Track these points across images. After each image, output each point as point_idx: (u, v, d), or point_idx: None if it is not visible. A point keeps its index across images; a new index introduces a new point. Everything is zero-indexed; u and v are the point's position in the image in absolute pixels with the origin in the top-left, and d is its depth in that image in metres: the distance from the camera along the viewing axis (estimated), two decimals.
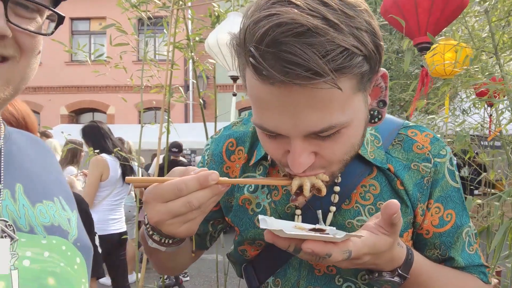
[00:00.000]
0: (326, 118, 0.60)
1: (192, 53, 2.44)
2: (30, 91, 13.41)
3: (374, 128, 0.83)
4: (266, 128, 0.64)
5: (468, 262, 0.81)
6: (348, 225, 0.78)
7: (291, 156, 0.64)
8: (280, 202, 0.82)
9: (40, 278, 0.49)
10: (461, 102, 3.86)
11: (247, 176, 0.86)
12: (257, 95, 0.62)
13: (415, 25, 1.72)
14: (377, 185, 0.79)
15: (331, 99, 0.59)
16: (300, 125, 0.61)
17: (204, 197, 0.60)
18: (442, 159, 0.80)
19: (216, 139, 0.93)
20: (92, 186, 3.30)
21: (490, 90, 1.58)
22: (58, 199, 0.59)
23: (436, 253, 0.81)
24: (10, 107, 1.15)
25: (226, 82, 2.43)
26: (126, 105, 11.90)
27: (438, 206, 0.79)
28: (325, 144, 0.64)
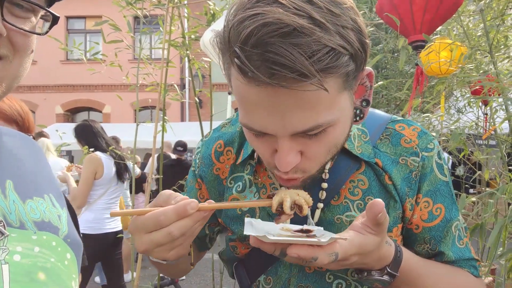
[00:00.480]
0: (313, 117, 0.60)
1: (188, 51, 2.44)
2: (26, 89, 13.33)
3: (361, 122, 0.82)
4: (253, 128, 0.64)
5: (458, 256, 0.80)
6: (337, 221, 0.78)
7: (278, 155, 0.64)
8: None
9: (31, 273, 0.49)
10: (456, 101, 3.88)
11: (235, 177, 0.87)
12: (243, 96, 0.62)
13: (410, 24, 1.73)
14: (365, 180, 0.79)
15: (318, 99, 0.59)
16: (288, 125, 0.60)
17: (185, 226, 0.59)
18: (430, 153, 0.80)
19: (206, 142, 0.93)
20: (85, 184, 3.28)
21: (484, 88, 1.58)
22: (49, 196, 0.60)
23: (426, 247, 0.81)
24: (18, 108, 1.17)
25: (222, 81, 2.42)
26: (122, 104, 11.89)
27: (427, 201, 0.79)
28: (311, 142, 0.64)
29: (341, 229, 0.76)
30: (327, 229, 0.77)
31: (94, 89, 13.36)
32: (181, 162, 5.46)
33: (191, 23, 2.62)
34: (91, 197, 3.41)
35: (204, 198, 0.93)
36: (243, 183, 0.86)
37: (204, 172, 0.91)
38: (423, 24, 1.69)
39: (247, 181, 0.85)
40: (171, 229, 0.59)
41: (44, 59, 12.94)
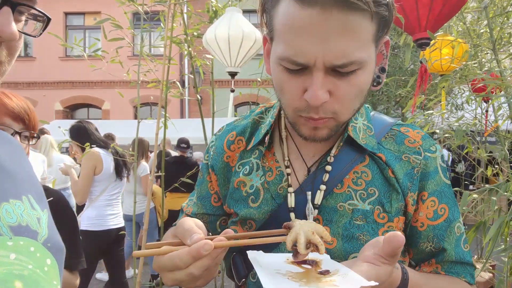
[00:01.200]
0: (350, 49, 0.65)
1: (190, 48, 2.43)
2: (25, 86, 13.29)
3: (367, 119, 0.87)
4: (292, 58, 0.67)
5: (459, 258, 0.83)
6: (340, 208, 0.80)
7: (310, 90, 0.67)
8: (274, 182, 0.85)
9: (6, 282, 0.46)
10: (454, 98, 3.89)
11: (243, 162, 0.90)
12: (293, 23, 0.65)
13: (415, 21, 1.72)
14: (369, 172, 0.82)
15: (360, 32, 0.65)
16: (328, 53, 0.64)
17: (204, 265, 0.60)
18: (432, 154, 0.83)
19: (219, 136, 0.97)
20: (86, 179, 3.29)
21: (488, 87, 1.58)
22: (27, 198, 0.56)
23: (429, 246, 0.83)
24: (25, 106, 1.16)
25: (223, 78, 2.42)
26: (122, 100, 11.85)
27: (433, 200, 0.82)
28: (341, 83, 0.68)
29: (343, 216, 0.79)
30: (330, 216, 0.79)
31: (94, 85, 13.31)
32: (184, 159, 5.45)
33: (193, 20, 2.61)
34: (93, 193, 3.41)
35: (214, 190, 0.96)
36: (250, 166, 0.89)
37: (215, 161, 0.94)
38: (428, 21, 1.68)
39: (254, 165, 0.88)
40: (191, 270, 0.59)
41: (42, 55, 12.90)
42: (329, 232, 0.79)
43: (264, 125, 0.91)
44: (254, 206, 0.85)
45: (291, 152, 0.87)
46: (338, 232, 0.79)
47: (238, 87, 2.65)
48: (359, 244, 0.78)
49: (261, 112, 0.96)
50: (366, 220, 0.79)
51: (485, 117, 3.05)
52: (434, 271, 0.84)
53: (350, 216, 0.79)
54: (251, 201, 0.86)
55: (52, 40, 2.32)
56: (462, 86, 3.18)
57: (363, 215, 0.79)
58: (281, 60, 0.69)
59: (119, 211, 3.63)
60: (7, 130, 1.10)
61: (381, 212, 0.79)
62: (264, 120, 0.93)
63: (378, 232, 0.78)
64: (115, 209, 3.58)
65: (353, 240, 0.78)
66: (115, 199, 3.59)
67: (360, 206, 0.79)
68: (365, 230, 0.78)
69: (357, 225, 0.78)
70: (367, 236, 0.78)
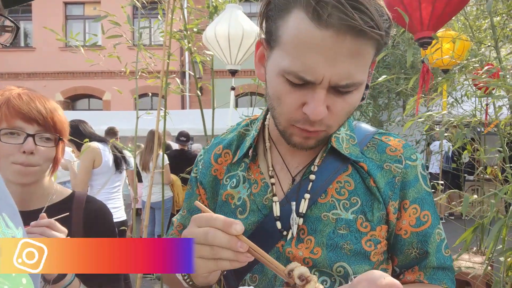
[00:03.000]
0: (355, 72, 0.67)
1: (190, 44, 2.42)
2: (25, 77, 13.25)
3: (350, 129, 0.89)
4: (300, 74, 0.67)
5: (440, 263, 0.85)
6: (324, 218, 0.81)
7: (311, 105, 0.69)
8: (259, 194, 0.87)
9: None
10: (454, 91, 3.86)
11: (230, 175, 0.91)
12: (304, 40, 0.66)
13: (418, 20, 1.70)
14: (351, 182, 0.83)
15: (366, 57, 0.68)
16: (335, 74, 0.66)
17: (219, 238, 0.63)
18: (413, 163, 0.85)
19: (207, 149, 0.99)
20: (84, 172, 3.31)
21: (489, 88, 1.57)
22: (1, 216, 0.54)
23: (414, 252, 0.85)
24: (39, 105, 1.07)
25: (224, 68, 2.41)
26: (122, 91, 11.76)
27: (415, 207, 0.84)
28: (338, 100, 0.71)
29: (327, 225, 0.81)
30: (314, 225, 0.81)
31: (94, 76, 13.26)
32: (184, 152, 5.46)
33: (193, 16, 2.59)
34: (94, 187, 3.44)
35: (203, 203, 0.96)
36: (237, 179, 0.90)
37: (203, 175, 0.95)
38: (431, 20, 1.66)
39: (240, 177, 0.90)
40: (208, 231, 0.63)
41: (42, 46, 12.83)
42: (314, 242, 0.81)
43: (248, 138, 0.92)
44: (241, 218, 0.87)
45: (276, 162, 0.89)
46: (323, 241, 0.80)
47: (239, 78, 2.65)
48: (343, 253, 0.79)
49: (246, 124, 0.98)
50: (349, 229, 0.80)
51: (485, 111, 3.04)
52: (417, 278, 0.86)
53: (334, 225, 0.81)
54: (239, 213, 0.87)
55: (54, 30, 2.30)
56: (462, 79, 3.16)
57: (347, 224, 0.80)
58: (286, 73, 0.69)
59: (120, 204, 3.66)
60: (20, 134, 1.04)
61: (363, 221, 0.81)
62: (249, 132, 0.95)
63: (361, 240, 0.80)
64: (117, 202, 3.61)
65: (337, 249, 0.80)
66: (116, 192, 3.61)
67: (343, 215, 0.81)
68: (349, 239, 0.80)
69: (340, 234, 0.80)
70: (351, 245, 0.80)
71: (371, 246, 0.81)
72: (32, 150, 1.04)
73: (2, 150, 1.04)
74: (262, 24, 0.76)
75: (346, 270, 0.80)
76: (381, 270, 0.85)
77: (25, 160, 1.05)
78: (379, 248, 0.82)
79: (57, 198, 1.19)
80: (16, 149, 1.04)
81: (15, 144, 1.04)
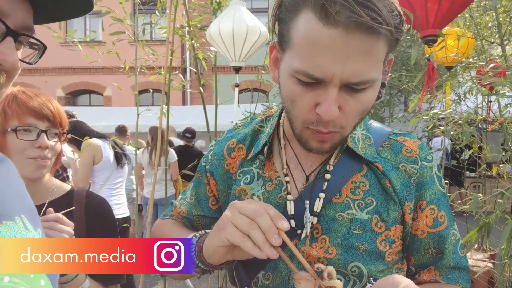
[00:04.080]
0: (367, 70, 0.66)
1: (193, 41, 2.40)
2: (26, 72, 13.21)
3: (366, 129, 0.88)
4: (310, 73, 0.67)
5: (456, 263, 0.85)
6: (338, 218, 0.81)
7: (324, 104, 0.68)
8: (273, 192, 0.87)
9: None
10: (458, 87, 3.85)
11: (243, 170, 0.91)
12: (313, 40, 0.66)
13: (423, 17, 1.69)
14: (366, 182, 0.83)
15: (376, 54, 0.67)
16: (345, 72, 0.65)
17: (258, 236, 0.66)
18: (429, 164, 0.84)
19: (219, 141, 0.99)
20: (85, 168, 3.32)
21: (495, 87, 1.56)
22: (20, 218, 0.56)
23: (430, 251, 0.85)
24: (49, 104, 1.14)
25: (226, 64, 2.39)
26: (123, 87, 11.73)
27: (432, 208, 0.83)
28: (351, 99, 0.70)
29: (342, 225, 0.80)
30: (329, 225, 0.81)
31: (95, 72, 13.23)
32: (189, 148, 5.47)
33: (196, 13, 2.57)
34: (96, 184, 3.44)
35: (212, 193, 0.98)
36: (251, 175, 0.90)
37: (215, 167, 0.95)
38: (437, 18, 1.65)
39: (255, 174, 0.90)
40: (252, 231, 0.66)
41: (43, 41, 12.75)
42: (328, 241, 0.81)
43: (263, 135, 0.92)
44: None
45: (290, 161, 0.89)
46: (337, 241, 0.80)
47: (241, 74, 2.63)
48: (358, 253, 0.80)
49: (261, 120, 0.97)
50: (364, 229, 0.80)
51: (488, 108, 3.02)
52: (433, 278, 0.86)
53: (349, 225, 0.80)
54: None
55: (53, 26, 2.28)
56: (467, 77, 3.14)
57: (361, 224, 0.80)
58: (297, 73, 0.69)
59: (124, 200, 3.66)
60: (33, 131, 1.10)
61: (378, 221, 0.81)
62: (264, 129, 0.94)
63: (376, 240, 0.80)
64: (120, 198, 3.61)
65: (352, 249, 0.80)
66: (119, 188, 3.61)
67: (358, 215, 0.81)
68: (363, 239, 0.80)
69: (355, 234, 0.80)
70: (366, 245, 0.80)
71: (385, 246, 0.81)
72: (47, 145, 1.11)
73: (17, 146, 1.08)
74: (274, 27, 0.77)
75: (360, 270, 0.80)
76: (396, 269, 0.85)
77: (41, 154, 1.10)
78: (394, 248, 0.82)
79: (58, 193, 1.23)
80: (30, 145, 1.09)
81: (29, 141, 1.09)
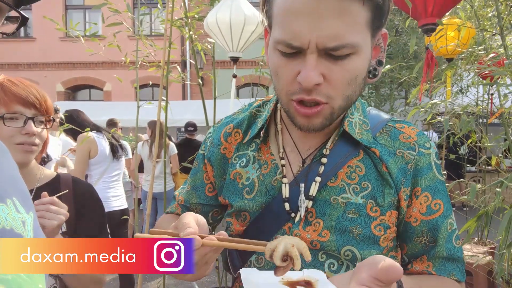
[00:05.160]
0: (343, 33, 0.66)
1: (191, 32, 2.38)
2: (25, 67, 13.20)
3: (364, 115, 0.87)
4: (288, 42, 0.68)
5: (449, 253, 0.83)
6: (333, 201, 0.81)
7: (303, 71, 0.69)
8: (268, 175, 0.86)
9: None
10: (459, 80, 3.83)
11: (239, 154, 0.91)
12: (289, 6, 0.68)
13: (422, 6, 1.67)
14: (362, 167, 0.82)
15: (352, 16, 0.66)
16: (321, 35, 0.66)
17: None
18: (427, 151, 0.83)
19: (217, 127, 0.98)
20: (81, 163, 3.31)
21: (494, 77, 1.54)
22: (12, 201, 0.55)
23: (423, 240, 0.84)
24: (34, 91, 1.15)
25: (226, 59, 2.38)
26: (123, 81, 11.74)
27: (426, 195, 0.82)
28: (335, 67, 0.69)
29: (336, 209, 0.80)
30: (323, 209, 0.81)
31: (95, 66, 13.20)
32: (191, 141, 5.49)
33: (194, 3, 2.56)
34: (93, 177, 3.43)
35: (209, 180, 0.97)
36: (247, 159, 0.90)
37: (212, 152, 0.95)
38: (435, 6, 1.63)
39: (250, 157, 0.89)
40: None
41: (42, 36, 12.74)
42: (322, 225, 0.80)
43: (260, 119, 0.92)
44: (248, 198, 0.87)
45: (287, 144, 0.89)
46: (331, 225, 0.80)
47: (240, 68, 2.62)
48: (351, 237, 0.79)
49: (258, 105, 0.97)
50: (359, 213, 0.80)
51: (490, 101, 3.01)
52: (426, 269, 0.84)
53: (343, 209, 0.80)
54: (246, 192, 0.87)
55: (53, 20, 2.27)
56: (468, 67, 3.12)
57: (356, 208, 0.80)
58: (277, 43, 0.71)
59: (121, 193, 3.66)
60: (20, 118, 1.11)
61: (373, 206, 0.80)
62: (261, 113, 0.94)
63: (371, 225, 0.80)
64: (118, 191, 3.61)
65: (345, 233, 0.79)
66: (116, 181, 3.61)
67: (353, 199, 0.80)
68: (358, 223, 0.79)
69: (350, 218, 0.80)
70: (360, 229, 0.79)
71: (380, 231, 0.80)
72: (34, 132, 1.13)
73: (5, 133, 1.10)
74: (263, 10, 0.78)
75: (354, 254, 0.79)
76: (390, 257, 0.84)
77: (27, 140, 1.13)
78: (389, 233, 0.82)
79: (45, 179, 1.26)
80: (17, 132, 1.11)
81: (16, 127, 1.11)
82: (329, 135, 0.85)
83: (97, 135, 3.35)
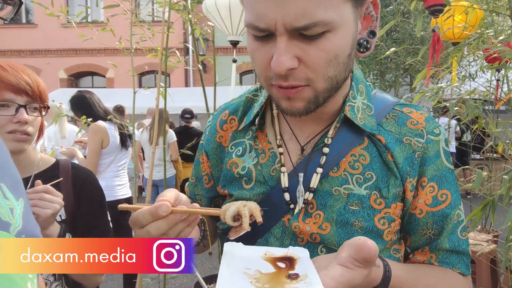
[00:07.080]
0: (312, 10, 0.60)
1: (190, 15, 2.33)
2: (28, 54, 13.16)
3: (367, 98, 0.81)
4: (255, 24, 0.63)
5: (453, 245, 0.79)
6: (335, 192, 0.76)
7: (274, 56, 0.64)
8: (266, 165, 0.82)
9: None
10: (468, 66, 3.74)
11: (236, 143, 0.87)
12: None
13: None
14: (367, 155, 0.77)
15: None
16: (287, 15, 0.60)
17: (160, 228, 0.63)
18: (436, 137, 0.78)
19: (215, 115, 0.94)
20: (94, 154, 3.31)
21: (503, 58, 1.48)
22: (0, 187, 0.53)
23: (428, 233, 0.79)
24: (25, 76, 1.11)
25: (226, 45, 2.32)
26: (125, 68, 11.72)
27: (432, 185, 0.77)
28: (310, 48, 0.63)
29: (338, 200, 0.75)
30: (324, 200, 0.76)
31: (97, 53, 13.14)
32: (188, 129, 5.46)
33: None
34: (101, 166, 3.44)
35: (205, 172, 0.94)
36: (243, 147, 0.86)
37: (208, 141, 0.92)
38: None
39: (247, 146, 0.86)
40: (148, 229, 0.63)
41: (45, 22, 12.65)
42: (323, 217, 0.76)
43: (256, 104, 0.87)
44: (247, 188, 0.83)
45: (284, 131, 0.84)
46: (332, 217, 0.75)
47: (242, 54, 2.56)
48: (353, 230, 0.74)
49: (255, 89, 0.92)
50: (361, 205, 0.75)
51: (496, 86, 2.93)
52: (428, 260, 0.80)
53: (345, 201, 0.75)
54: (245, 182, 0.83)
55: (54, 7, 2.23)
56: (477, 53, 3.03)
57: (359, 200, 0.75)
58: (248, 27, 0.66)
59: (126, 181, 3.67)
60: (11, 106, 1.07)
61: (378, 197, 0.76)
62: (258, 98, 0.89)
63: (374, 218, 0.75)
64: (123, 179, 3.62)
65: (347, 226, 0.75)
66: (122, 170, 3.62)
67: (356, 190, 0.75)
68: (361, 216, 0.75)
69: (352, 210, 0.75)
70: (362, 222, 0.74)
71: (384, 224, 0.75)
72: (27, 120, 1.09)
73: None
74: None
75: None
76: (394, 250, 0.79)
77: (19, 128, 1.09)
78: (393, 226, 0.77)
79: (43, 166, 1.22)
80: (9, 120, 1.07)
81: (7, 116, 1.07)
82: (329, 121, 0.80)
83: (108, 125, 3.32)
